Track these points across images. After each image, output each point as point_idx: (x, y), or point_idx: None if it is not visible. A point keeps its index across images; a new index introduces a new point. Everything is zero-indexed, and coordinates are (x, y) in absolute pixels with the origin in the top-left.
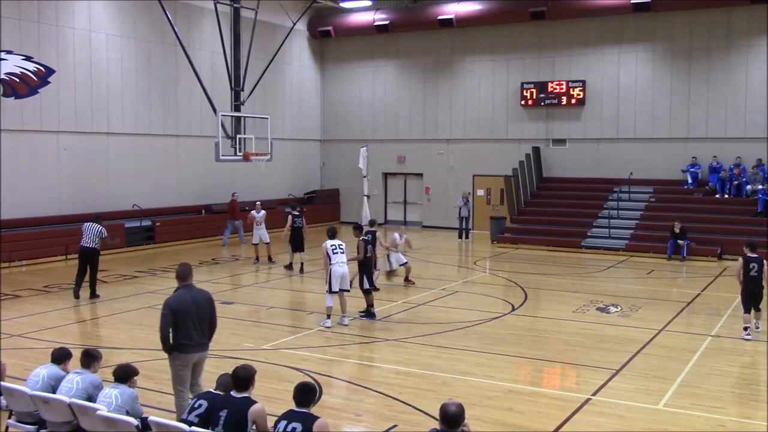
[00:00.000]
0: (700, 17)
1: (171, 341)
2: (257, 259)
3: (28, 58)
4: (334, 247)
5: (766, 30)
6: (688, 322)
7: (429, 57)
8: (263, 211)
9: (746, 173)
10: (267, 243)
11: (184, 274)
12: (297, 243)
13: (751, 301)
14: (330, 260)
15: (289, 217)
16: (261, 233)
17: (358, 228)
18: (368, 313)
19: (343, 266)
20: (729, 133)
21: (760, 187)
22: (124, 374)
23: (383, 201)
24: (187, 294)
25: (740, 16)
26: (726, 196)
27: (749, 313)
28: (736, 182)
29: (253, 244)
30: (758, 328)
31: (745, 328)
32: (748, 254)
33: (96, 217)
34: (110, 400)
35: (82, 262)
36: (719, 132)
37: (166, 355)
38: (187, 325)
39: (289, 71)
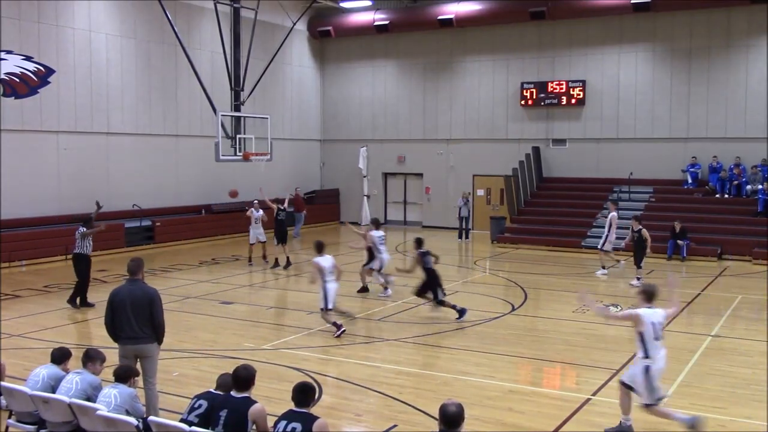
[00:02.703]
0: (700, 17)
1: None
2: (251, 260)
3: (28, 58)
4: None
5: (766, 30)
6: (688, 322)
7: (429, 57)
8: (261, 211)
9: (746, 173)
10: (263, 242)
11: (133, 269)
12: (281, 235)
13: None
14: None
15: (275, 207)
16: (258, 232)
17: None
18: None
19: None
20: (729, 133)
21: (760, 186)
22: (125, 374)
23: (383, 201)
24: (126, 288)
25: (740, 16)
26: (726, 196)
27: None
28: (736, 182)
29: (250, 244)
30: None
31: None
32: None
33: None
34: (109, 399)
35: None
36: (719, 132)
37: (166, 355)
38: (121, 317)
39: (289, 71)
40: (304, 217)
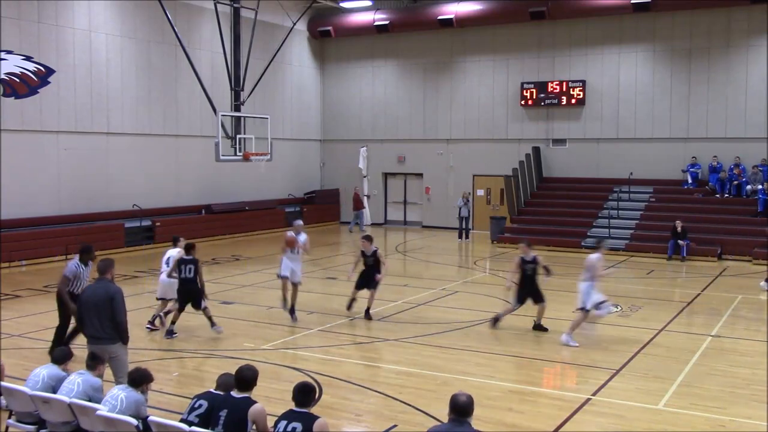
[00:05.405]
0: (700, 17)
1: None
2: (286, 301)
3: (28, 58)
4: None
5: (766, 30)
6: (688, 322)
7: (429, 57)
8: (305, 235)
9: (746, 173)
10: (295, 283)
11: (101, 269)
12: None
13: None
14: None
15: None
16: (295, 267)
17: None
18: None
19: None
20: (729, 133)
21: (760, 187)
22: (139, 378)
23: (383, 201)
24: (93, 287)
25: (740, 16)
26: (726, 196)
27: None
28: (736, 182)
29: (282, 276)
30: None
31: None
32: None
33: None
34: (115, 402)
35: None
36: (719, 132)
37: (167, 355)
38: (85, 316)
39: (289, 71)
40: (362, 215)
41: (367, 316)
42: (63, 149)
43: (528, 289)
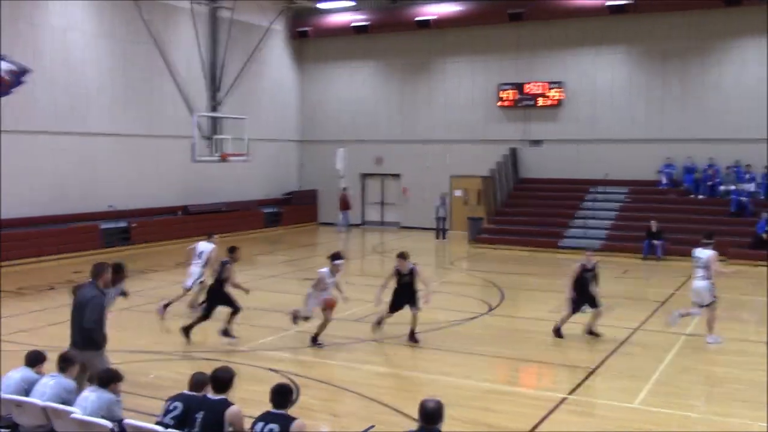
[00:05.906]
0: (676, 19)
1: None
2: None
3: (2, 57)
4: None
5: (742, 32)
6: (663, 321)
7: (407, 58)
8: (341, 265)
9: (720, 174)
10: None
11: (92, 272)
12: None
13: None
14: None
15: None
16: (315, 301)
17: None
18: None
19: None
20: (703, 134)
21: (733, 187)
22: (107, 378)
23: (360, 202)
24: (79, 291)
25: (715, 18)
26: (700, 196)
27: None
28: (710, 183)
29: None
30: None
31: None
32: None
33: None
34: (85, 404)
35: None
36: (694, 133)
37: (143, 358)
38: (71, 320)
39: (267, 71)
40: (348, 215)
41: (413, 339)
42: (39, 150)
43: (585, 296)
